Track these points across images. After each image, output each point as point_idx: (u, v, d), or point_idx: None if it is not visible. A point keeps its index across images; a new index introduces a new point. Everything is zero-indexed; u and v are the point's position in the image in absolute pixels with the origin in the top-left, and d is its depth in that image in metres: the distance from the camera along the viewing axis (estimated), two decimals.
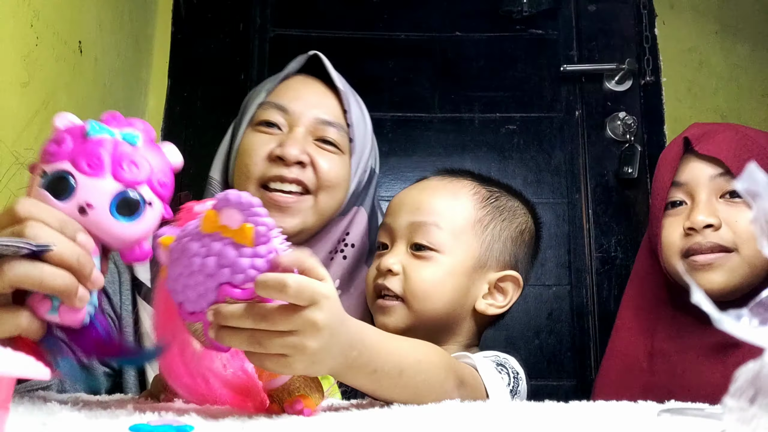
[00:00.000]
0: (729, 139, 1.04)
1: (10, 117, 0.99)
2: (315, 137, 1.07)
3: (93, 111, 1.30)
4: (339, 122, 1.09)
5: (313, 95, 1.10)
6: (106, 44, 1.36)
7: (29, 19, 1.03)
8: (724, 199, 1.02)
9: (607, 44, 1.78)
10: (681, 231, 1.03)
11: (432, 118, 1.75)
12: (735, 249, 0.99)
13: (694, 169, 1.05)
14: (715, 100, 1.76)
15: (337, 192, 1.07)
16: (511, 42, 1.79)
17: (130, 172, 0.61)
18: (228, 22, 1.78)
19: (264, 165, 1.04)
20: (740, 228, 0.99)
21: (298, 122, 1.06)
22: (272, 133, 1.07)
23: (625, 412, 0.70)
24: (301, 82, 1.12)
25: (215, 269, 0.56)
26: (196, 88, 1.73)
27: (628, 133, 1.70)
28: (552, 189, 1.72)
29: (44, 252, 0.56)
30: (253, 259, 0.56)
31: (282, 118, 1.07)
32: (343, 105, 1.10)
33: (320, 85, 1.11)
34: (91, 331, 0.61)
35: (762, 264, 0.99)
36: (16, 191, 1.00)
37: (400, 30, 1.79)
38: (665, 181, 1.07)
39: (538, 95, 1.77)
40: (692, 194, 1.04)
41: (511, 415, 0.65)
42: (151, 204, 0.63)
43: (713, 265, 0.99)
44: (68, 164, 0.60)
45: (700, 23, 1.79)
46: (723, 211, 1.01)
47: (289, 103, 1.08)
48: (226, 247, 0.56)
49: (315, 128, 1.07)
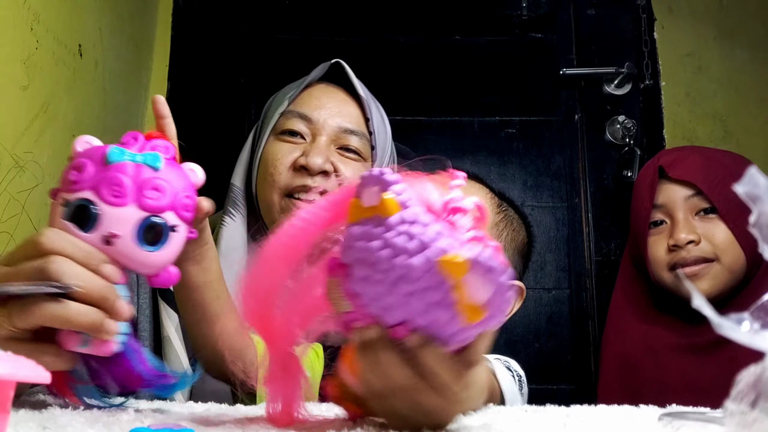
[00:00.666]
0: (697, 162, 1.19)
1: (10, 120, 0.99)
2: (338, 146, 1.07)
3: (93, 114, 1.30)
4: (361, 130, 1.09)
5: (335, 103, 1.10)
6: (106, 47, 1.36)
7: (29, 22, 1.03)
8: (699, 216, 1.17)
9: (606, 48, 1.78)
10: (665, 247, 1.18)
11: (431, 122, 1.75)
12: (715, 259, 1.14)
13: (669, 193, 1.20)
14: (713, 104, 1.76)
15: None
16: (510, 46, 1.79)
17: (154, 199, 0.60)
18: (228, 26, 1.78)
19: (288, 174, 1.05)
20: (717, 240, 1.14)
21: (321, 131, 1.06)
22: (296, 142, 1.07)
23: (625, 415, 0.70)
24: (323, 90, 1.12)
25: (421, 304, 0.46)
26: (196, 91, 1.74)
27: (627, 137, 1.71)
28: (551, 193, 1.72)
29: (70, 291, 0.56)
30: (457, 329, 0.46)
31: (305, 126, 1.07)
32: (365, 113, 1.10)
33: (342, 93, 1.12)
34: (123, 359, 0.60)
35: (739, 270, 1.14)
36: (15, 194, 1.00)
37: (400, 34, 1.79)
38: (646, 204, 1.21)
39: (537, 99, 1.77)
40: (671, 214, 1.19)
41: (514, 419, 0.65)
42: (175, 229, 0.62)
43: (699, 275, 1.14)
44: (91, 193, 0.59)
45: (699, 28, 1.80)
46: (700, 227, 1.17)
47: (312, 112, 1.08)
48: (450, 307, 0.45)
49: (338, 137, 1.07)
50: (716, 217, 1.15)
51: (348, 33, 1.79)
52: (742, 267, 1.14)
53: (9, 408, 0.40)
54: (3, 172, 0.97)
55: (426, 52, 1.79)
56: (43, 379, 0.40)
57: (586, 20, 1.80)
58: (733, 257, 1.13)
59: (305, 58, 1.75)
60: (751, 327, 0.41)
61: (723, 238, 1.14)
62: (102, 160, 0.60)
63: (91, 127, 1.30)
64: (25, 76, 1.02)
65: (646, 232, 1.20)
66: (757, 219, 0.42)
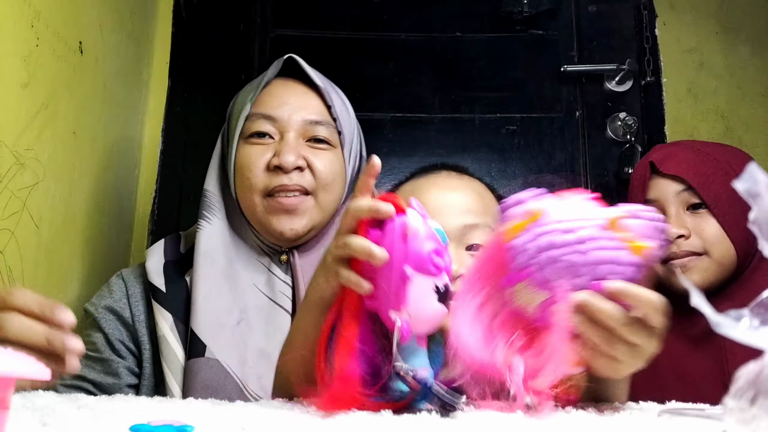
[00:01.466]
0: (688, 158, 1.20)
1: (10, 117, 0.99)
2: (306, 138, 1.10)
3: (93, 111, 1.30)
4: (326, 119, 1.12)
5: (295, 98, 1.12)
6: (106, 45, 1.36)
7: (30, 19, 1.03)
8: (690, 211, 1.19)
9: (607, 45, 1.78)
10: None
11: (432, 119, 1.75)
12: (704, 253, 1.16)
13: (661, 188, 1.22)
14: (715, 100, 1.76)
15: (336, 187, 1.11)
16: (511, 42, 1.79)
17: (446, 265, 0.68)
18: (228, 23, 1.78)
19: (264, 176, 1.07)
20: (707, 235, 1.16)
21: (287, 128, 1.09)
22: (265, 143, 1.09)
23: (625, 412, 0.70)
24: (281, 87, 1.14)
25: (600, 261, 0.63)
26: (196, 88, 1.73)
27: (628, 134, 1.70)
28: (552, 189, 1.72)
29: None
30: (634, 269, 0.63)
31: (271, 126, 1.10)
32: (326, 101, 1.12)
33: (301, 86, 1.14)
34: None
35: (729, 263, 1.16)
36: (16, 191, 1.00)
37: (401, 30, 1.79)
38: (638, 199, 1.23)
39: (538, 96, 1.77)
40: (663, 209, 1.20)
41: (515, 417, 0.65)
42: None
43: (688, 267, 1.17)
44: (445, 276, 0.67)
45: (700, 24, 1.79)
46: (690, 222, 1.18)
47: (275, 111, 1.10)
48: (622, 251, 0.63)
49: (305, 130, 1.10)
50: (706, 212, 1.17)
51: (349, 29, 1.79)
52: (732, 260, 1.16)
53: (9, 404, 0.41)
54: (4, 170, 0.97)
55: (427, 48, 1.78)
56: (42, 376, 0.40)
57: (588, 17, 1.80)
58: (723, 251, 1.15)
59: (306, 55, 1.74)
60: (750, 323, 0.41)
61: (712, 233, 1.16)
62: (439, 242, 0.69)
63: (92, 124, 1.30)
64: (26, 73, 1.02)
65: None
66: (757, 216, 0.41)
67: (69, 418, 0.56)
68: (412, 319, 0.64)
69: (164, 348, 1.01)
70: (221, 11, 1.78)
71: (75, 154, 1.21)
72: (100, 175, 1.35)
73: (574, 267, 0.63)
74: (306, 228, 1.07)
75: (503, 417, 0.63)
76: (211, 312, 1.02)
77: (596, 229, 0.64)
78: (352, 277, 0.65)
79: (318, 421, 0.59)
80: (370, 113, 1.73)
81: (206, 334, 1.00)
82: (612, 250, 0.63)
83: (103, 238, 1.36)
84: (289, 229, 1.06)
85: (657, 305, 0.64)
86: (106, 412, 0.60)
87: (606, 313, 0.62)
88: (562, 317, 0.62)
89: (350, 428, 0.57)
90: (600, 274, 0.63)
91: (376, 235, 0.66)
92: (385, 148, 1.72)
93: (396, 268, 0.64)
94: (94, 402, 0.67)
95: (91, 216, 1.31)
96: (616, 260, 0.63)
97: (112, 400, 0.69)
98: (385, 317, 0.64)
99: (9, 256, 0.98)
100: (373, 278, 0.65)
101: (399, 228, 0.66)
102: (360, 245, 0.65)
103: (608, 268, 0.63)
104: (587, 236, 0.64)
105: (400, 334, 0.64)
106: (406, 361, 0.64)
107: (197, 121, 1.71)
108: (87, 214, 1.29)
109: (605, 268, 0.63)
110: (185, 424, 0.52)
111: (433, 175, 1.07)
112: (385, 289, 0.64)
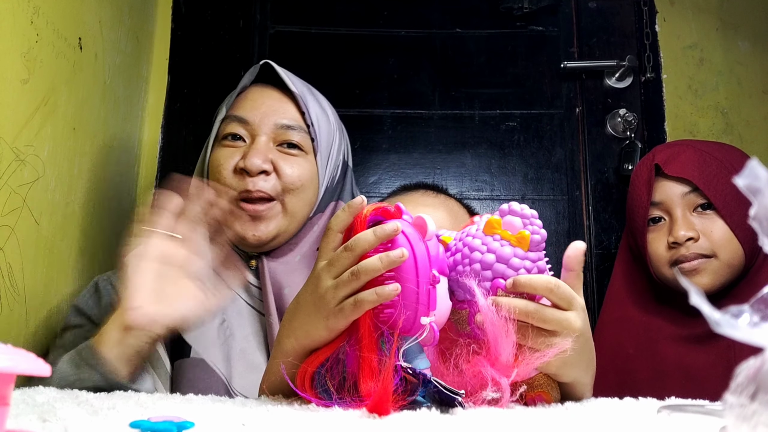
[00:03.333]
0: (692, 158, 1.20)
1: (10, 114, 0.98)
2: (277, 143, 1.10)
3: (93, 107, 1.30)
4: (298, 124, 1.11)
5: (270, 102, 1.12)
6: (106, 41, 1.35)
7: (29, 15, 1.03)
8: (697, 212, 1.19)
9: (607, 41, 1.78)
10: (665, 244, 1.19)
11: (432, 115, 1.75)
12: (713, 255, 1.15)
13: (666, 190, 1.21)
14: (715, 96, 1.75)
15: (305, 193, 1.10)
16: (511, 39, 1.79)
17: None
18: (228, 19, 1.77)
19: (232, 179, 1.08)
20: (715, 236, 1.16)
21: (258, 131, 1.10)
22: (236, 146, 1.10)
23: (625, 409, 0.70)
24: (257, 92, 1.15)
25: (492, 264, 0.67)
26: (196, 84, 1.73)
27: (628, 130, 1.70)
28: (552, 186, 1.72)
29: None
30: (524, 261, 0.68)
31: (243, 129, 1.11)
32: (299, 107, 1.12)
33: (276, 92, 1.14)
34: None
35: (738, 264, 1.16)
36: (16, 187, 1.00)
37: (400, 26, 1.79)
38: (644, 201, 1.22)
39: (538, 92, 1.76)
40: (669, 211, 1.20)
41: (515, 414, 0.65)
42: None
43: (698, 270, 1.16)
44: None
45: (700, 20, 1.79)
46: (698, 224, 1.18)
47: (248, 114, 1.11)
48: (504, 248, 0.68)
49: (276, 134, 1.10)
50: (713, 213, 1.17)
51: (348, 25, 1.78)
52: (741, 261, 1.16)
53: (9, 401, 0.41)
54: (4, 166, 0.97)
55: (426, 44, 1.78)
56: (42, 372, 0.40)
57: (588, 13, 1.79)
58: (732, 252, 1.15)
59: (306, 51, 1.74)
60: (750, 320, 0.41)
61: (721, 234, 1.15)
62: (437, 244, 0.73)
63: (92, 120, 1.30)
64: (25, 69, 1.02)
65: (645, 229, 1.22)
66: (757, 212, 0.41)
67: (69, 414, 0.56)
68: (436, 320, 0.65)
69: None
70: (221, 7, 1.78)
71: (75, 151, 1.21)
72: (100, 171, 1.35)
73: (477, 276, 0.68)
74: (271, 234, 1.07)
75: (502, 413, 0.63)
76: None
77: (480, 238, 0.69)
78: (369, 295, 0.64)
79: (317, 417, 0.59)
80: (370, 109, 1.73)
81: (190, 336, 1.00)
82: (499, 249, 0.68)
83: (103, 235, 1.36)
84: (251, 235, 1.06)
85: (551, 285, 0.67)
86: (106, 408, 0.60)
87: (509, 308, 0.65)
88: (487, 324, 0.65)
89: (350, 426, 0.57)
90: (498, 274, 0.68)
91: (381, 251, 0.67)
92: (385, 144, 1.72)
93: (423, 272, 0.65)
94: (93, 398, 0.67)
95: (91, 212, 1.31)
96: (505, 257, 0.67)
97: (111, 397, 0.69)
98: (401, 325, 0.64)
99: (9, 252, 0.98)
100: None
101: (415, 234, 0.66)
102: (374, 262, 0.64)
103: (502, 268, 0.67)
104: (476, 245, 0.69)
105: (432, 336, 0.64)
106: (408, 362, 0.64)
107: (197, 117, 1.70)
108: (87, 211, 1.29)
109: (500, 268, 0.67)
110: (185, 421, 0.52)
111: (410, 194, 1.11)
112: (410, 297, 0.64)
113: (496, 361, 0.65)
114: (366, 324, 0.64)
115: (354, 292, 0.65)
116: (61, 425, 0.51)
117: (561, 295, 0.68)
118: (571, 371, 0.71)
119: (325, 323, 0.67)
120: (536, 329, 0.67)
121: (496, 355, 0.65)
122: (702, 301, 0.39)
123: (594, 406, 0.72)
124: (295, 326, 0.71)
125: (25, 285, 1.04)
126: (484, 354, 0.66)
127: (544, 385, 0.71)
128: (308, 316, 0.69)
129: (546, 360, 0.66)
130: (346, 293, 0.66)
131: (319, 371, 0.67)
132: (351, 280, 0.65)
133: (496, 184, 1.72)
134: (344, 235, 0.70)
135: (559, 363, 0.68)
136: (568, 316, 0.68)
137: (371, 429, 0.54)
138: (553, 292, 0.67)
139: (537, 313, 0.66)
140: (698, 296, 0.39)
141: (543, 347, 0.66)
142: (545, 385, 0.71)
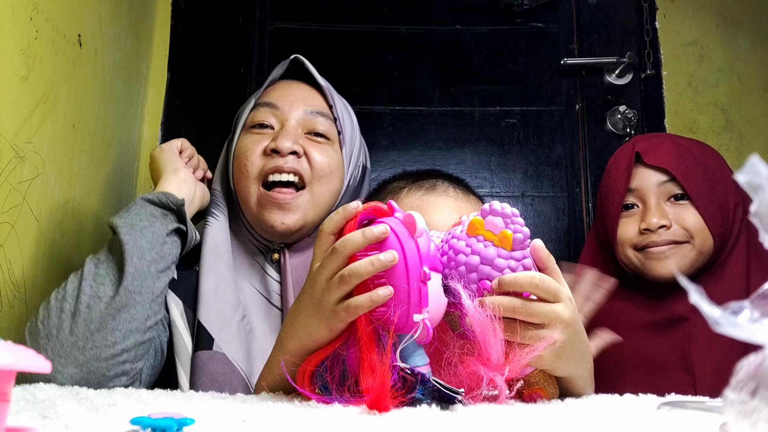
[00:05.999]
0: (670, 150, 1.22)
1: (9, 110, 0.98)
2: (305, 130, 1.12)
3: (93, 104, 1.30)
4: (326, 113, 1.14)
5: (299, 91, 1.16)
6: (105, 37, 1.35)
7: (28, 12, 1.02)
8: (671, 201, 1.21)
9: (607, 38, 1.78)
10: (636, 230, 1.21)
11: (432, 112, 1.75)
12: (687, 241, 1.18)
13: (643, 177, 1.23)
14: (715, 93, 1.75)
15: (332, 181, 1.11)
16: (511, 35, 1.78)
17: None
18: (228, 15, 1.77)
19: (260, 160, 1.09)
20: (689, 224, 1.18)
21: (288, 116, 1.12)
22: (265, 133, 1.12)
23: (624, 405, 0.70)
24: (286, 84, 1.18)
25: (477, 266, 0.68)
26: (195, 81, 1.73)
27: (628, 127, 1.70)
28: (552, 182, 1.72)
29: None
30: (509, 260, 0.68)
31: (272, 116, 1.12)
32: (327, 100, 1.15)
33: (304, 85, 1.18)
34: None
35: (707, 251, 1.19)
36: (16, 184, 1.00)
37: (400, 23, 1.79)
38: (621, 187, 1.23)
39: (538, 89, 1.76)
40: (643, 199, 1.22)
41: (514, 411, 0.65)
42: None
43: (667, 254, 1.18)
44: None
45: (700, 16, 1.79)
46: (671, 213, 1.19)
47: (278, 100, 1.13)
48: (488, 248, 0.68)
49: (305, 120, 1.12)
50: (687, 203, 1.19)
51: (348, 22, 1.78)
52: (710, 249, 1.19)
53: (9, 397, 0.40)
54: (3, 163, 0.97)
55: (426, 41, 1.78)
56: (42, 369, 0.40)
57: (588, 9, 1.79)
58: (702, 240, 1.18)
59: (305, 48, 1.74)
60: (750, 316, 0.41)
61: (694, 222, 1.18)
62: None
63: (91, 117, 1.29)
64: (25, 66, 1.02)
65: (618, 214, 1.24)
66: (758, 208, 0.41)
67: (69, 410, 0.56)
68: (430, 317, 0.65)
69: (174, 332, 1.02)
70: (220, 4, 1.78)
71: (74, 147, 1.21)
72: (99, 167, 1.35)
73: (463, 278, 0.68)
74: (298, 223, 1.08)
75: (502, 410, 0.63)
76: (219, 306, 1.02)
77: (464, 240, 0.70)
78: (363, 301, 0.64)
79: (317, 414, 0.59)
80: (370, 106, 1.73)
81: (213, 328, 1.00)
82: (483, 250, 0.68)
83: (103, 231, 1.36)
84: (280, 223, 1.07)
85: (535, 281, 0.68)
86: (106, 405, 0.60)
87: (494, 307, 0.66)
88: (475, 325, 0.65)
89: (350, 423, 0.57)
90: (483, 276, 0.68)
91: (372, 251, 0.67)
92: (385, 141, 1.72)
93: (413, 271, 0.65)
94: (94, 395, 0.67)
95: (91, 209, 1.31)
96: (489, 258, 0.68)
97: (112, 393, 0.69)
98: (395, 322, 0.64)
99: (9, 249, 0.98)
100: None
101: (405, 233, 0.66)
102: (365, 266, 0.64)
103: (487, 269, 0.68)
104: (460, 248, 0.69)
105: (426, 333, 0.64)
106: (406, 360, 0.64)
107: (196, 113, 1.70)
108: (87, 207, 1.28)
109: (485, 269, 0.68)
110: (186, 417, 0.52)
111: (428, 195, 1.08)
112: (402, 296, 0.64)
113: (488, 360, 0.65)
114: (363, 323, 0.65)
115: (347, 293, 0.66)
116: (62, 422, 0.51)
117: (546, 288, 0.68)
118: (565, 364, 0.72)
119: (326, 324, 0.67)
120: (524, 324, 0.67)
121: (487, 356, 0.65)
122: (702, 299, 0.39)
123: (593, 402, 0.72)
124: (297, 327, 0.71)
125: (25, 281, 1.04)
126: (476, 355, 0.66)
127: (541, 381, 0.72)
128: (309, 317, 0.70)
129: (537, 353, 0.66)
130: (339, 296, 0.66)
131: (319, 369, 0.67)
132: (341, 284, 0.66)
133: (495, 181, 1.72)
134: (336, 237, 0.70)
135: (552, 356, 0.68)
136: (555, 307, 0.68)
137: (371, 425, 0.55)
138: (538, 286, 0.68)
139: (523, 308, 0.67)
140: (698, 295, 0.39)
141: (533, 341, 0.67)
142: (542, 381, 0.72)
